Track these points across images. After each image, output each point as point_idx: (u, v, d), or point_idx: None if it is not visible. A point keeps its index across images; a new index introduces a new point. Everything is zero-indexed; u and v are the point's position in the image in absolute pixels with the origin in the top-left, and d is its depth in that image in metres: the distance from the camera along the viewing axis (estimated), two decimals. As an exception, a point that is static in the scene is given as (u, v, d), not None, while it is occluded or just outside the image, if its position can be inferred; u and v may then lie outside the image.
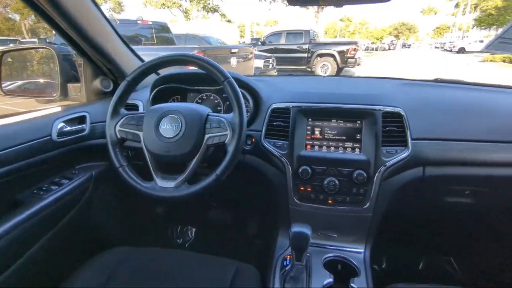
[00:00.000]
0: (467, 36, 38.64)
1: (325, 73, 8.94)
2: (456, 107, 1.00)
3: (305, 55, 9.42)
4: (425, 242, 1.41)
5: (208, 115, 0.83)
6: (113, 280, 0.79)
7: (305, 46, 9.39)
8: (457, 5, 43.80)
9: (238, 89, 0.81)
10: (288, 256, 0.94)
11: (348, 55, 8.94)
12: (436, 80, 1.22)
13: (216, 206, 1.65)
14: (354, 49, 8.91)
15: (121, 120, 0.85)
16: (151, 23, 6.21)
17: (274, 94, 1.05)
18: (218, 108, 1.13)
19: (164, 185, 0.80)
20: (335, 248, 0.99)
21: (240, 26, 26.55)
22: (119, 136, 0.85)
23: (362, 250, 0.98)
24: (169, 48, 5.73)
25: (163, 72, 1.08)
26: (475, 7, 35.60)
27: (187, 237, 1.65)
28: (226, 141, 0.80)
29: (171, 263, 0.87)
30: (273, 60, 7.44)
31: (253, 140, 1.01)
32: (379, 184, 0.92)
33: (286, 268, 0.90)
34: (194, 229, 1.66)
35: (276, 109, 1.00)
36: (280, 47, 9.69)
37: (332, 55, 9.11)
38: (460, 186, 0.99)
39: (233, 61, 5.47)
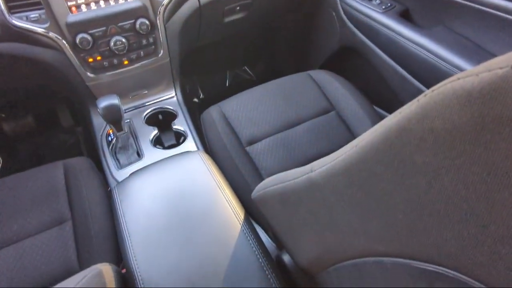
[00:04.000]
0: None
1: None
2: None
3: None
4: (224, 61, 1.65)
5: None
6: None
7: None
8: None
9: None
10: (110, 131, 0.95)
11: None
12: None
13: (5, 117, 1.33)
14: None
15: None
16: None
17: None
18: None
19: None
20: (151, 102, 1.05)
21: None
22: None
23: (174, 94, 1.08)
24: None
25: None
26: None
27: None
28: None
29: None
30: None
31: None
32: (164, 27, 0.92)
33: (113, 142, 0.93)
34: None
35: None
36: None
37: None
38: (232, 4, 1.10)
39: None
